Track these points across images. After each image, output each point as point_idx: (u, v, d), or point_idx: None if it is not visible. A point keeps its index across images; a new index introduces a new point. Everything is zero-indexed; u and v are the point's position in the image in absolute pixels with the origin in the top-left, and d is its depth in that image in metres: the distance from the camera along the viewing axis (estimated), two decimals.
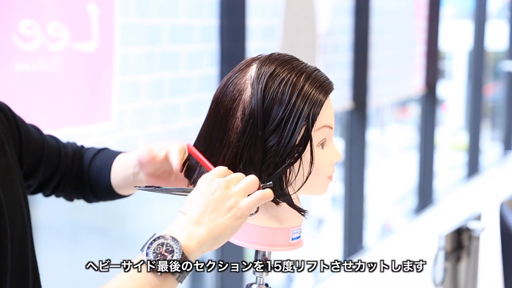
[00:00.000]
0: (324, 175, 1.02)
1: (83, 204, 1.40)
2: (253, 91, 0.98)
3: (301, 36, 3.27)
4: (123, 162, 1.25)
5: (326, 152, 1.02)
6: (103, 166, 1.28)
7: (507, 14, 7.20)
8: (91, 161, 1.30)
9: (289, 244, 1.03)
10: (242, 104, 0.99)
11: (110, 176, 1.26)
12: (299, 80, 0.99)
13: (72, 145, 1.33)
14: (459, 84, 8.95)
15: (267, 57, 1.03)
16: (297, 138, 0.97)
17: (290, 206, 1.01)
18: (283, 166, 0.98)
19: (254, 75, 1.00)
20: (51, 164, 1.26)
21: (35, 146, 1.23)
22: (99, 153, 1.31)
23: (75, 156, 1.31)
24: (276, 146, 0.97)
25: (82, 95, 2.09)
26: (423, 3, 4.87)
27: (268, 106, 0.98)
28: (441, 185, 6.27)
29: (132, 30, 2.25)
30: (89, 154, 1.31)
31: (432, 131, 5.17)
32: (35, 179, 1.26)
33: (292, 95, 0.98)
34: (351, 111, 3.93)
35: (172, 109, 2.47)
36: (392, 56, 4.46)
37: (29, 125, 1.25)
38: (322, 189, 1.04)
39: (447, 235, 1.87)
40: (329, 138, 1.02)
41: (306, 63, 1.04)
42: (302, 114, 0.97)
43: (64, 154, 1.29)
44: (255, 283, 1.04)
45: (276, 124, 0.97)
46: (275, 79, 0.99)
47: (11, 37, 1.85)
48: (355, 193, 4.04)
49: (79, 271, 3.17)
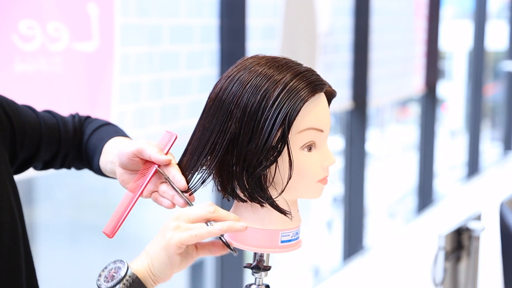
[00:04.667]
0: (312, 179, 1.00)
1: (83, 204, 1.40)
2: (238, 90, 0.98)
3: (301, 36, 3.27)
4: (112, 147, 1.21)
5: (315, 155, 1.00)
6: (97, 146, 1.24)
7: (507, 14, 7.21)
8: (89, 138, 1.27)
9: (277, 247, 1.02)
10: (227, 105, 0.99)
11: (100, 156, 1.23)
12: (281, 81, 0.97)
13: (74, 119, 1.30)
14: (459, 84, 8.95)
15: (257, 58, 1.03)
16: (274, 140, 0.96)
17: (272, 208, 1.01)
18: (259, 168, 0.98)
19: (243, 74, 1.00)
20: (51, 145, 1.24)
21: (32, 131, 1.20)
22: (98, 129, 1.28)
23: (76, 132, 1.28)
24: (254, 148, 0.97)
25: (82, 95, 2.09)
26: (423, 3, 4.87)
27: (248, 107, 0.98)
28: (441, 185, 6.27)
29: (132, 30, 2.25)
30: (89, 130, 1.28)
31: (432, 131, 5.17)
32: (39, 160, 1.24)
33: (269, 98, 0.97)
34: (351, 111, 3.93)
35: (172, 109, 2.47)
36: (392, 56, 4.46)
37: (23, 107, 1.22)
38: (313, 193, 1.02)
39: (447, 235, 1.87)
40: (319, 141, 1.00)
41: (299, 64, 1.02)
42: (278, 116, 0.96)
43: (64, 132, 1.26)
44: (254, 284, 1.04)
45: (256, 126, 0.97)
46: (257, 79, 0.98)
47: (11, 37, 1.85)
48: (355, 193, 4.04)
49: (79, 271, 3.15)
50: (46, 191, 4.20)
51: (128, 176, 1.11)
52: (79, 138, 1.28)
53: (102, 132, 1.27)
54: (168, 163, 1.05)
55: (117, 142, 1.22)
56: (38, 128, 1.22)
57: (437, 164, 5.49)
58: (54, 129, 1.25)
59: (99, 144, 1.24)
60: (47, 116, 1.26)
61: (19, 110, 1.20)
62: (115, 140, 1.23)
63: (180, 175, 1.04)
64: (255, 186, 0.99)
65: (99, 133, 1.27)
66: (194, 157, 1.02)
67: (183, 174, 1.04)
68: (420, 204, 5.20)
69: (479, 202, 4.50)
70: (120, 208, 1.06)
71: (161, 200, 1.07)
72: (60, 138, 1.25)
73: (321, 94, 1.00)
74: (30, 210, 4.28)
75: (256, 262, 1.04)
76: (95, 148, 1.24)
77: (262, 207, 1.01)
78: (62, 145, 1.26)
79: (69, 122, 1.29)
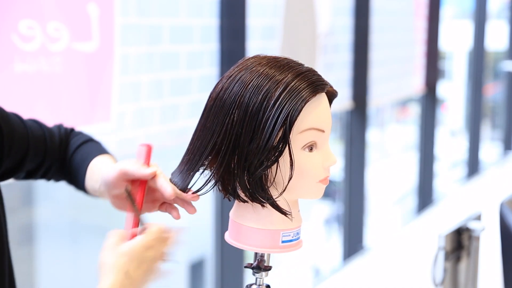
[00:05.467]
0: (313, 179, 1.00)
1: (83, 204, 1.39)
2: (239, 90, 0.98)
3: (301, 36, 3.27)
4: (95, 174, 1.19)
5: (316, 156, 1.00)
6: (80, 164, 1.23)
7: (507, 14, 7.20)
8: (73, 154, 1.25)
9: (278, 247, 1.02)
10: (228, 105, 0.99)
11: (85, 178, 1.21)
12: (283, 81, 0.97)
13: (60, 131, 1.28)
14: (459, 84, 8.95)
15: (258, 58, 1.03)
16: (275, 140, 0.96)
17: (273, 208, 1.01)
18: (260, 168, 0.98)
19: (244, 74, 1.00)
20: (37, 155, 1.22)
21: (19, 140, 1.19)
22: (81, 146, 1.26)
23: (61, 144, 1.26)
24: (255, 148, 0.97)
25: (82, 95, 2.09)
26: (423, 3, 4.87)
27: (249, 107, 0.97)
28: (441, 185, 6.27)
29: (132, 30, 2.25)
30: (73, 144, 1.26)
31: (432, 131, 5.17)
32: (23, 170, 1.22)
33: (271, 98, 0.96)
34: (351, 111, 3.93)
35: (172, 109, 2.47)
36: (392, 56, 4.46)
37: (11, 114, 1.20)
38: (314, 193, 1.02)
39: (447, 235, 1.87)
40: (321, 141, 1.00)
41: (300, 64, 1.02)
42: (279, 117, 0.96)
43: (50, 142, 1.24)
44: (254, 284, 1.04)
45: (257, 126, 0.97)
46: (258, 79, 0.98)
47: (11, 37, 1.85)
48: (355, 193, 4.04)
49: (79, 271, 3.16)
50: (46, 191, 4.20)
51: (122, 202, 1.11)
52: (63, 150, 1.26)
53: (84, 150, 1.25)
54: (154, 175, 1.05)
55: (100, 166, 1.19)
56: (26, 137, 1.20)
57: (437, 164, 5.49)
58: (40, 139, 1.23)
59: (82, 164, 1.22)
60: (33, 125, 1.24)
61: (8, 117, 1.18)
62: (97, 163, 1.21)
63: (168, 183, 1.05)
64: (256, 186, 0.99)
65: (82, 150, 1.25)
66: (196, 157, 1.02)
67: (181, 179, 1.04)
68: (420, 204, 5.20)
69: (479, 202, 4.50)
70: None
71: (170, 210, 1.09)
72: (46, 149, 1.23)
73: (322, 95, 1.00)
74: (30, 210, 4.27)
75: (257, 262, 1.04)
76: (79, 166, 1.23)
77: (263, 207, 1.01)
78: (48, 156, 1.24)
79: (55, 133, 1.27)
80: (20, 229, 4.06)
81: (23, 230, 4.10)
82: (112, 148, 2.20)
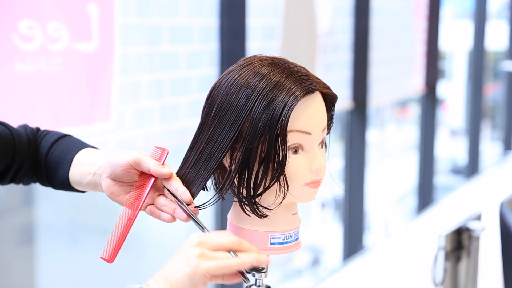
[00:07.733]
0: (298, 182, 0.99)
1: (83, 204, 1.38)
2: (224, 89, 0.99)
3: (301, 36, 3.27)
4: (89, 158, 1.15)
5: (301, 158, 0.99)
6: (63, 158, 1.18)
7: (507, 14, 7.21)
8: (49, 150, 1.21)
9: (266, 249, 1.02)
10: (229, 115, 0.99)
11: (69, 170, 1.17)
12: (264, 85, 0.97)
13: (26, 131, 1.23)
14: (459, 84, 8.94)
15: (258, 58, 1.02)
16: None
17: (250, 211, 1.00)
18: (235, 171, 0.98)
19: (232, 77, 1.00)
20: (5, 157, 1.18)
21: None
22: (58, 141, 1.22)
23: (30, 144, 1.22)
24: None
25: (82, 95, 2.09)
26: (423, 3, 4.87)
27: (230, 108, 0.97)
28: (441, 185, 6.27)
29: (132, 30, 2.25)
30: (47, 142, 1.22)
31: (432, 131, 5.17)
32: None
33: (261, 100, 0.96)
34: (351, 111, 3.93)
35: (172, 109, 2.47)
36: (392, 56, 4.46)
37: None
38: (303, 197, 1.01)
39: (447, 235, 1.87)
40: (307, 144, 0.99)
41: (293, 66, 1.01)
42: (260, 122, 0.96)
43: (19, 144, 1.20)
44: (254, 285, 1.04)
45: (241, 127, 0.97)
46: (258, 82, 0.98)
47: (11, 37, 1.85)
48: (355, 193, 4.04)
49: (79, 271, 3.18)
50: (46, 191, 4.19)
51: (118, 188, 1.08)
52: (34, 149, 1.22)
53: (64, 144, 1.21)
54: (170, 177, 1.03)
55: (97, 153, 1.16)
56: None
57: (437, 164, 5.49)
58: (8, 140, 1.19)
59: (65, 157, 1.18)
60: (0, 127, 1.21)
61: None
62: (90, 151, 1.18)
63: (184, 188, 1.02)
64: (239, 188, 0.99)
65: (61, 144, 1.21)
66: (200, 171, 1.01)
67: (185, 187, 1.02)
68: (420, 204, 5.20)
69: (479, 202, 4.50)
70: (119, 226, 1.03)
71: (159, 213, 1.05)
72: (15, 150, 1.20)
73: (312, 96, 0.99)
74: (30, 210, 4.27)
75: None
76: (60, 160, 1.18)
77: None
78: (17, 158, 1.20)
79: (22, 133, 1.23)
80: (20, 229, 4.06)
81: (23, 230, 4.09)
82: (112, 148, 2.20)
